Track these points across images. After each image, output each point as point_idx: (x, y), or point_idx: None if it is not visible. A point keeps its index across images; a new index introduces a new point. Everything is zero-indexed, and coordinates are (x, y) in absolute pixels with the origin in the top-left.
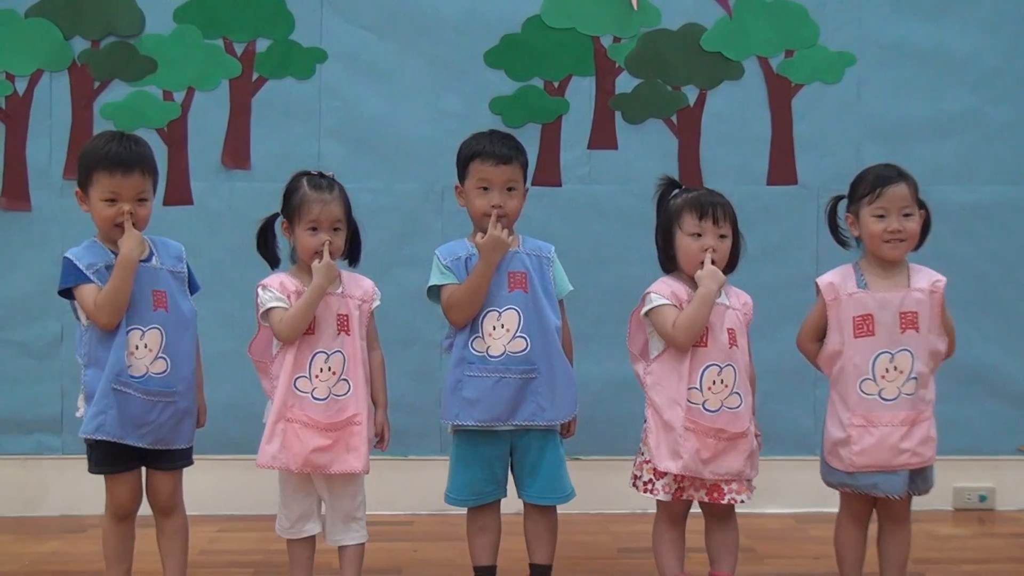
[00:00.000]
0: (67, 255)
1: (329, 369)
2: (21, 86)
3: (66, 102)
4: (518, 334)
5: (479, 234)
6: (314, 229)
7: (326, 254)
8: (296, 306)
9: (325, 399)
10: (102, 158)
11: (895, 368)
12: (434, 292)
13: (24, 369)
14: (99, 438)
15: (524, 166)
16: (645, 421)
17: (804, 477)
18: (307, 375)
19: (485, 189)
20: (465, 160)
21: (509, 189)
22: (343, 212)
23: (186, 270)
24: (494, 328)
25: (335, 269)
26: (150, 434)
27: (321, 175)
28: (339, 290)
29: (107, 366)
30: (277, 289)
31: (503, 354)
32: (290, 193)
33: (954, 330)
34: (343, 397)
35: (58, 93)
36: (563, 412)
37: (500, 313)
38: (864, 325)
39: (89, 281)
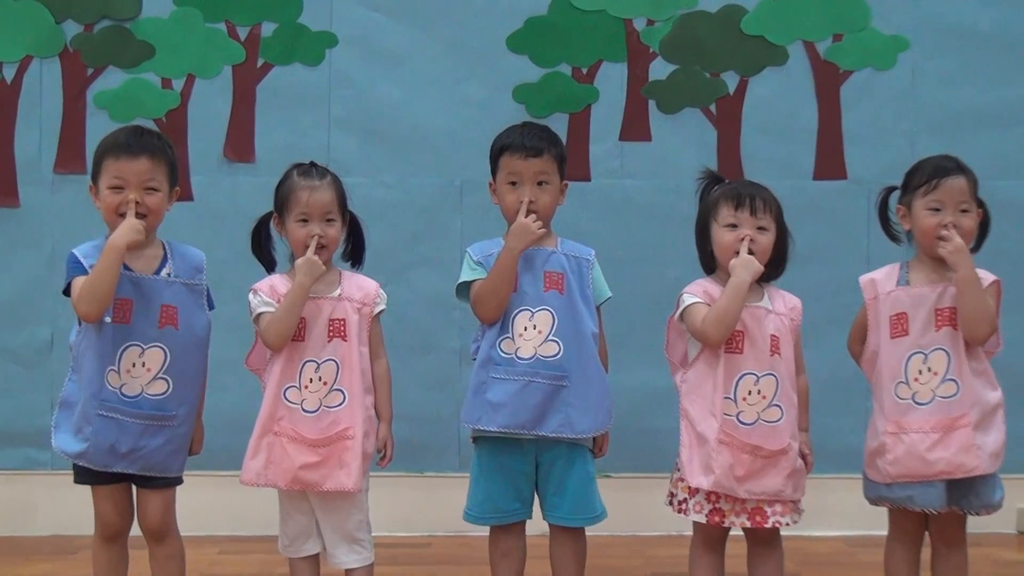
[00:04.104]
0: (73, 251)
1: (320, 379)
2: (9, 73)
3: (57, 90)
4: (550, 337)
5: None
6: (304, 220)
7: (311, 248)
8: (278, 308)
9: (316, 411)
10: (111, 144)
11: (928, 369)
12: (464, 291)
13: (12, 378)
14: (82, 464)
15: (558, 159)
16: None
17: (854, 497)
18: (297, 385)
19: (514, 184)
20: (495, 155)
21: (540, 183)
22: (335, 201)
23: (205, 285)
24: (525, 329)
25: (319, 265)
26: (139, 460)
27: (312, 164)
28: (336, 293)
29: (86, 388)
30: (266, 293)
31: (533, 357)
32: (279, 186)
33: (993, 319)
34: (336, 409)
35: (48, 81)
36: (594, 425)
37: (533, 313)
38: (899, 324)
39: (85, 273)
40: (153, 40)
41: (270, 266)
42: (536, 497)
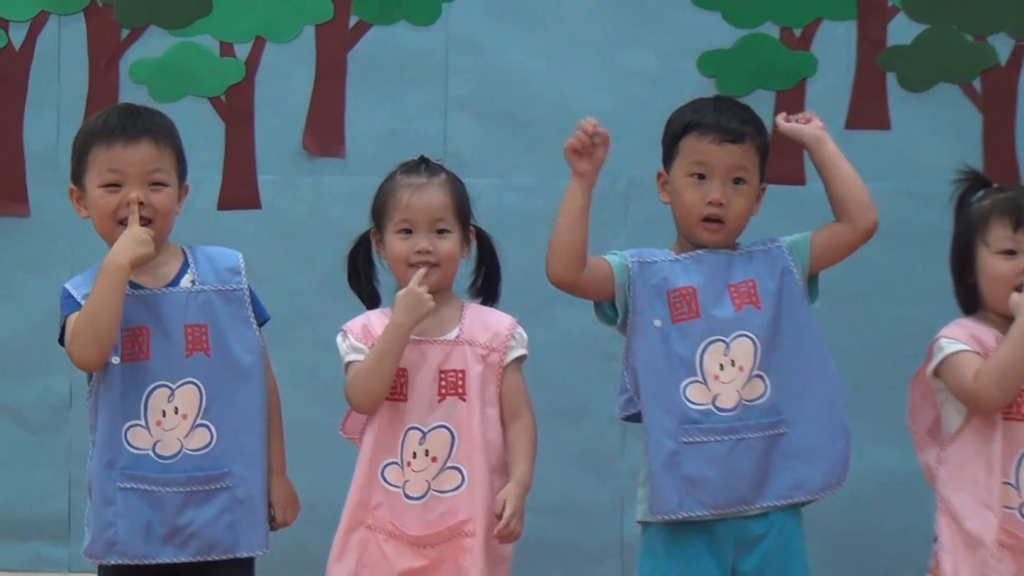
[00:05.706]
0: (66, 286)
1: (427, 453)
2: (18, 36)
3: (82, 59)
4: (755, 373)
5: (676, 246)
6: (407, 231)
7: (417, 277)
8: (367, 357)
9: (422, 497)
10: (99, 128)
11: None
12: (604, 309)
13: (18, 447)
14: (113, 562)
15: (761, 151)
16: (936, 536)
17: None
18: (398, 461)
19: (701, 177)
20: (674, 136)
21: (736, 181)
22: (450, 207)
23: (246, 289)
24: (721, 368)
25: (424, 300)
26: (191, 542)
27: (423, 159)
28: (452, 334)
29: (97, 452)
30: (357, 335)
31: (737, 405)
32: (379, 190)
33: None
34: (450, 495)
35: (70, 46)
36: (830, 476)
37: (728, 345)
38: None
39: (79, 308)
40: None
41: (371, 301)
42: None
